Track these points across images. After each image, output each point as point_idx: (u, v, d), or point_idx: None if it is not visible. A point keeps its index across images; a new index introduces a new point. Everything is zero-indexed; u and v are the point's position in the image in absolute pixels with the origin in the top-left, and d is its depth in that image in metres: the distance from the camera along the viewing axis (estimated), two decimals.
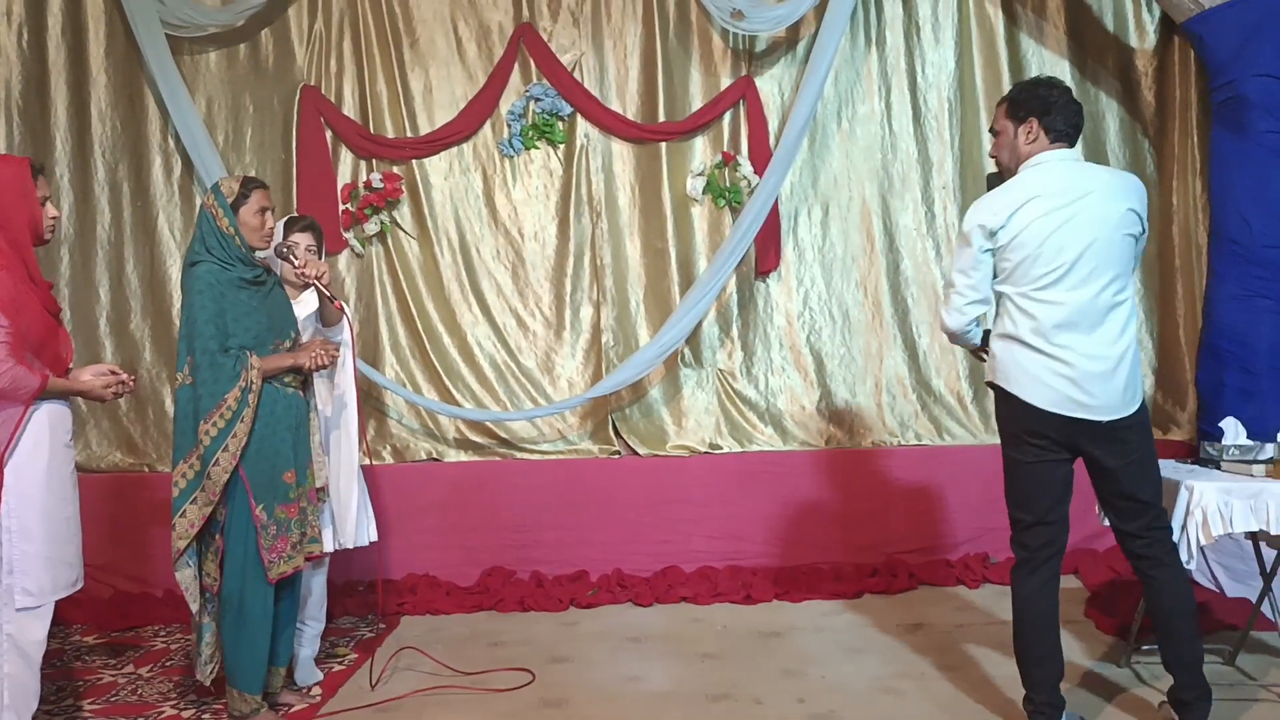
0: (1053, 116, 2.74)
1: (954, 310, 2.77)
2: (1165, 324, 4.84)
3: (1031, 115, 2.75)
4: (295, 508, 3.00)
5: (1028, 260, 2.65)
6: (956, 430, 4.79)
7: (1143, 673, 3.26)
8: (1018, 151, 2.79)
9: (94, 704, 3.27)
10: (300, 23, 4.80)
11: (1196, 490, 2.90)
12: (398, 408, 4.82)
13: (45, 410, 2.69)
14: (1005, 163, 2.86)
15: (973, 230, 2.72)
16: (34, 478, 2.66)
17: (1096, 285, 2.63)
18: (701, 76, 4.83)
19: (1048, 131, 2.75)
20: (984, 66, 4.85)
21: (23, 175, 2.72)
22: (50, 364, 2.73)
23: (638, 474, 4.63)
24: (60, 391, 2.74)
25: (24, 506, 2.64)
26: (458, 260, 4.81)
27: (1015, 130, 2.78)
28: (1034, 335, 2.67)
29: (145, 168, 4.77)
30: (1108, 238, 2.64)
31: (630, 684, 3.34)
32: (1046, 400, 2.66)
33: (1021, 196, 2.69)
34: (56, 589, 2.72)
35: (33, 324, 2.68)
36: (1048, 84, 2.81)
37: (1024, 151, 2.78)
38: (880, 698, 3.15)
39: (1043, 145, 2.75)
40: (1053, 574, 2.80)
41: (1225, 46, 4.20)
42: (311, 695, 3.27)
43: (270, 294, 3.09)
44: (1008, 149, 2.82)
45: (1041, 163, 2.74)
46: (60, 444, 2.74)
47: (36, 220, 2.75)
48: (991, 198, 2.77)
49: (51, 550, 2.70)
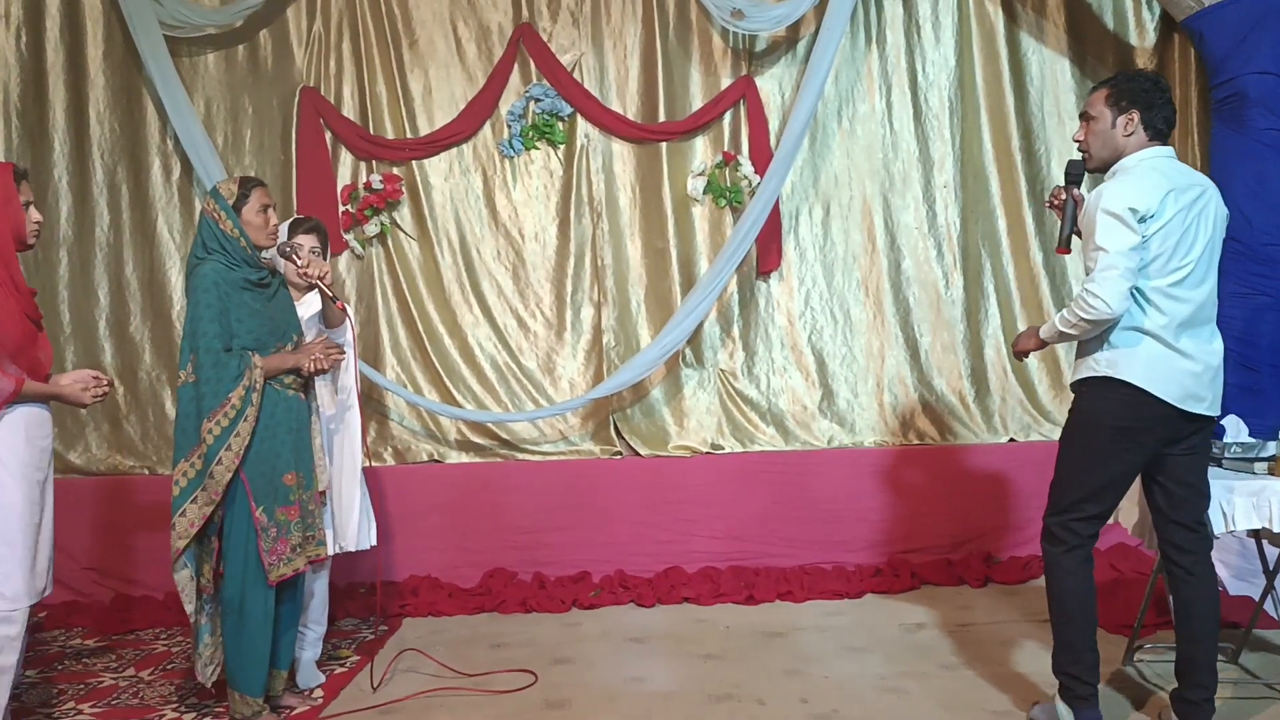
0: (1154, 112, 2.70)
1: (1118, 294, 2.56)
2: None
3: (1135, 107, 2.70)
4: (296, 510, 2.99)
5: (1165, 254, 2.62)
6: (959, 429, 4.79)
7: (1145, 671, 3.25)
8: (1113, 142, 2.73)
9: (95, 707, 3.26)
10: (299, 24, 4.79)
11: None
12: (399, 409, 4.81)
13: (21, 414, 2.68)
14: (1095, 151, 2.78)
15: (1124, 212, 2.58)
16: (8, 482, 2.65)
17: (1209, 285, 2.69)
18: (702, 76, 4.83)
19: (1148, 127, 2.70)
20: (984, 65, 4.85)
21: (4, 182, 2.71)
22: (28, 369, 2.72)
23: (639, 475, 4.62)
24: (37, 395, 2.73)
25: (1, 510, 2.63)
26: (458, 261, 4.81)
27: (1114, 119, 2.72)
28: (1164, 330, 2.64)
29: (144, 170, 4.77)
30: (1217, 240, 2.69)
31: (633, 685, 3.33)
32: (1174, 395, 2.64)
33: (1165, 185, 2.63)
34: (31, 594, 2.70)
35: (11, 330, 2.67)
36: (1154, 79, 2.75)
37: (1120, 143, 2.72)
38: (883, 697, 3.15)
39: (1140, 140, 2.71)
40: (1090, 560, 2.82)
41: (1225, 43, 4.20)
42: (313, 698, 3.27)
43: (274, 296, 3.08)
44: (1101, 137, 2.75)
45: (1160, 155, 2.70)
46: (37, 448, 2.73)
47: (19, 226, 2.75)
48: (1138, 181, 2.64)
49: (28, 557, 2.68)
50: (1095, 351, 2.71)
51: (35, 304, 2.83)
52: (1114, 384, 2.66)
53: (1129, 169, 2.69)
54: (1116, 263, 2.57)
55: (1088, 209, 2.67)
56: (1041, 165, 4.84)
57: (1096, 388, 2.71)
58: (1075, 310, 2.63)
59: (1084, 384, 2.75)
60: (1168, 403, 2.63)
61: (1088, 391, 2.74)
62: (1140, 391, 2.63)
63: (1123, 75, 2.80)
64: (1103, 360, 2.69)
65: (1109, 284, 2.56)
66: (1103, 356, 2.69)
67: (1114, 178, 2.70)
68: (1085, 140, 2.80)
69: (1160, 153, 2.71)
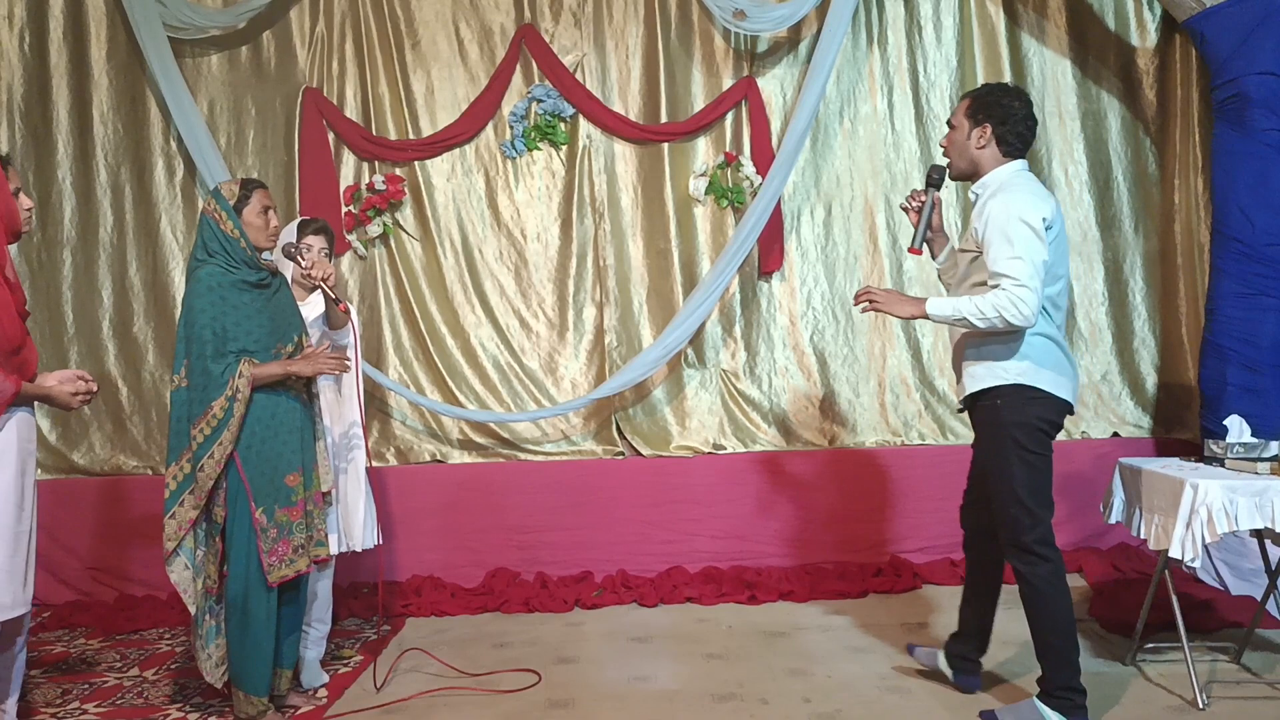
0: (1008, 127, 2.81)
1: (1038, 304, 2.66)
2: (1168, 322, 4.85)
3: (989, 121, 2.81)
4: (298, 511, 2.99)
5: (1054, 263, 2.74)
6: (960, 429, 4.79)
7: (1148, 670, 3.26)
8: (968, 153, 2.86)
9: (100, 707, 3.27)
10: (302, 25, 4.80)
11: (1201, 488, 2.90)
12: (401, 409, 4.82)
13: (15, 419, 2.64)
14: (954, 159, 2.91)
15: (1039, 224, 2.68)
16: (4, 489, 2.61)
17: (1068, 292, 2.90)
18: (703, 77, 4.83)
19: (1001, 141, 2.82)
20: (986, 65, 4.85)
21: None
22: (18, 369, 2.67)
23: (641, 475, 4.63)
24: (30, 397, 2.68)
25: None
26: (460, 262, 4.82)
27: (970, 131, 2.84)
28: (1058, 335, 2.80)
29: (147, 171, 4.78)
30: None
31: (637, 684, 3.34)
32: (1071, 396, 2.81)
33: (1051, 199, 2.77)
34: (15, 605, 2.65)
35: (8, 328, 2.62)
36: (1015, 93, 2.86)
37: (974, 155, 2.84)
38: (886, 696, 3.15)
39: (994, 153, 2.83)
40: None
41: (1227, 44, 4.20)
42: (318, 697, 3.27)
43: (275, 296, 3.07)
44: (958, 147, 2.88)
45: (1027, 170, 2.86)
46: (25, 453, 2.69)
47: (12, 214, 2.68)
48: (1038, 193, 2.77)
49: (15, 565, 2.64)
50: (1003, 359, 2.76)
51: (24, 298, 2.78)
52: (1028, 389, 2.75)
53: (1018, 184, 2.78)
54: (1040, 272, 2.66)
55: (994, 219, 2.71)
56: (1043, 165, 4.84)
57: (1011, 395, 2.77)
58: (1001, 311, 2.65)
59: (994, 392, 2.79)
60: (1068, 404, 2.81)
61: (1004, 404, 2.78)
62: (1051, 394, 2.77)
63: (985, 88, 2.91)
64: (1013, 368, 2.76)
65: (1035, 295, 2.64)
66: (1014, 365, 2.76)
67: (1009, 192, 2.75)
68: (948, 146, 2.92)
69: (1026, 166, 2.87)
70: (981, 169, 2.86)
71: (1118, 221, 4.86)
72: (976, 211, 2.82)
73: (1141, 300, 4.86)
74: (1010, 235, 2.67)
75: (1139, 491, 3.23)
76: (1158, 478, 3.11)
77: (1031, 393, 2.76)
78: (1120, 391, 4.85)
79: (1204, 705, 2.93)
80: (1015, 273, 2.64)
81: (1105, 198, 4.86)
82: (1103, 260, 4.86)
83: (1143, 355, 4.86)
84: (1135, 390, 4.85)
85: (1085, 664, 3.31)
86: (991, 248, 2.70)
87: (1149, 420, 4.83)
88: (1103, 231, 4.86)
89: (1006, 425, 2.78)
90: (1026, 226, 2.67)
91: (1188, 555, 2.91)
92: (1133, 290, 4.86)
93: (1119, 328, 4.86)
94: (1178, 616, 3.09)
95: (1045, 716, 2.78)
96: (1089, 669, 3.30)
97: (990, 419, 2.82)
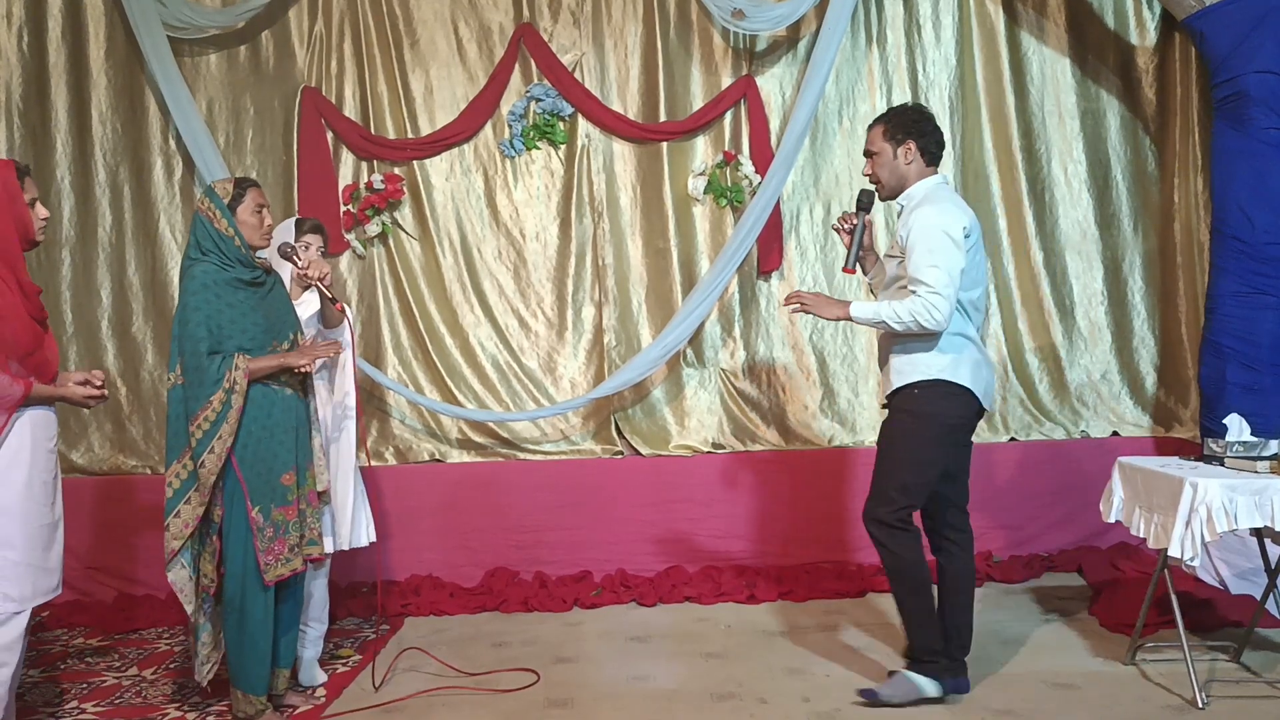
0: (927, 139, 3.05)
1: (952, 310, 2.89)
2: (1167, 321, 4.84)
3: (910, 137, 3.05)
4: (294, 510, 2.99)
5: (973, 269, 2.97)
6: None
7: (1148, 669, 3.26)
8: (898, 171, 3.07)
9: (98, 706, 3.27)
10: (300, 24, 4.80)
11: (1201, 487, 2.89)
12: (400, 408, 4.81)
13: (29, 416, 2.67)
14: (885, 181, 3.10)
15: (959, 234, 2.91)
16: (14, 485, 2.64)
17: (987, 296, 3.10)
18: (702, 76, 4.83)
19: (924, 153, 3.05)
20: (985, 64, 4.85)
21: (7, 180, 2.69)
22: (36, 370, 2.71)
23: (640, 474, 4.63)
24: (45, 397, 2.72)
25: (4, 516, 2.62)
26: (459, 261, 4.81)
27: (895, 152, 3.06)
28: (976, 336, 3.03)
29: (146, 170, 4.77)
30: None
31: (636, 683, 3.33)
32: (985, 394, 3.02)
33: (967, 208, 3.01)
34: (36, 595, 2.70)
35: (19, 332, 2.66)
36: (919, 109, 3.13)
37: (903, 171, 3.06)
38: None
39: (920, 166, 3.06)
40: None
41: (1226, 42, 4.20)
42: (316, 696, 3.27)
43: (270, 294, 3.07)
44: (887, 168, 3.08)
45: (946, 183, 3.10)
46: (43, 450, 2.72)
47: (26, 224, 2.73)
48: (957, 204, 3.01)
49: (32, 557, 2.68)
50: (924, 357, 2.97)
51: (41, 304, 2.82)
52: (945, 385, 2.96)
53: (941, 196, 3.01)
54: (956, 280, 2.89)
55: (918, 228, 2.92)
56: (1042, 164, 4.84)
57: (929, 390, 2.97)
58: (916, 315, 2.87)
59: (914, 387, 2.99)
60: (981, 401, 3.01)
61: (921, 394, 2.98)
62: (967, 391, 2.97)
63: (893, 110, 3.14)
64: (934, 365, 2.96)
65: (948, 302, 2.86)
66: (934, 361, 2.96)
67: (933, 203, 2.97)
68: (874, 174, 3.12)
69: (945, 179, 3.12)
70: (908, 183, 3.08)
71: (1117, 220, 4.86)
72: (902, 221, 3.04)
73: (1141, 299, 4.86)
74: (931, 244, 2.88)
75: (1139, 490, 3.22)
76: (1157, 476, 3.11)
77: (950, 388, 2.96)
78: (1119, 390, 4.85)
79: (1203, 704, 2.93)
80: (931, 280, 2.86)
81: (1104, 196, 4.86)
82: (1102, 259, 4.85)
83: (1142, 354, 4.86)
84: (1134, 389, 4.85)
85: (1085, 663, 3.37)
86: (913, 255, 2.91)
87: (1148, 419, 4.82)
88: (1102, 230, 4.85)
89: (921, 414, 2.98)
90: (947, 237, 2.89)
91: (1187, 554, 2.90)
92: (1132, 289, 4.86)
93: (1118, 327, 4.86)
94: (1177, 615, 3.09)
95: (917, 683, 3.01)
96: (1088, 668, 3.32)
97: (908, 407, 3.01)
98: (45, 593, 2.74)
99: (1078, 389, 4.83)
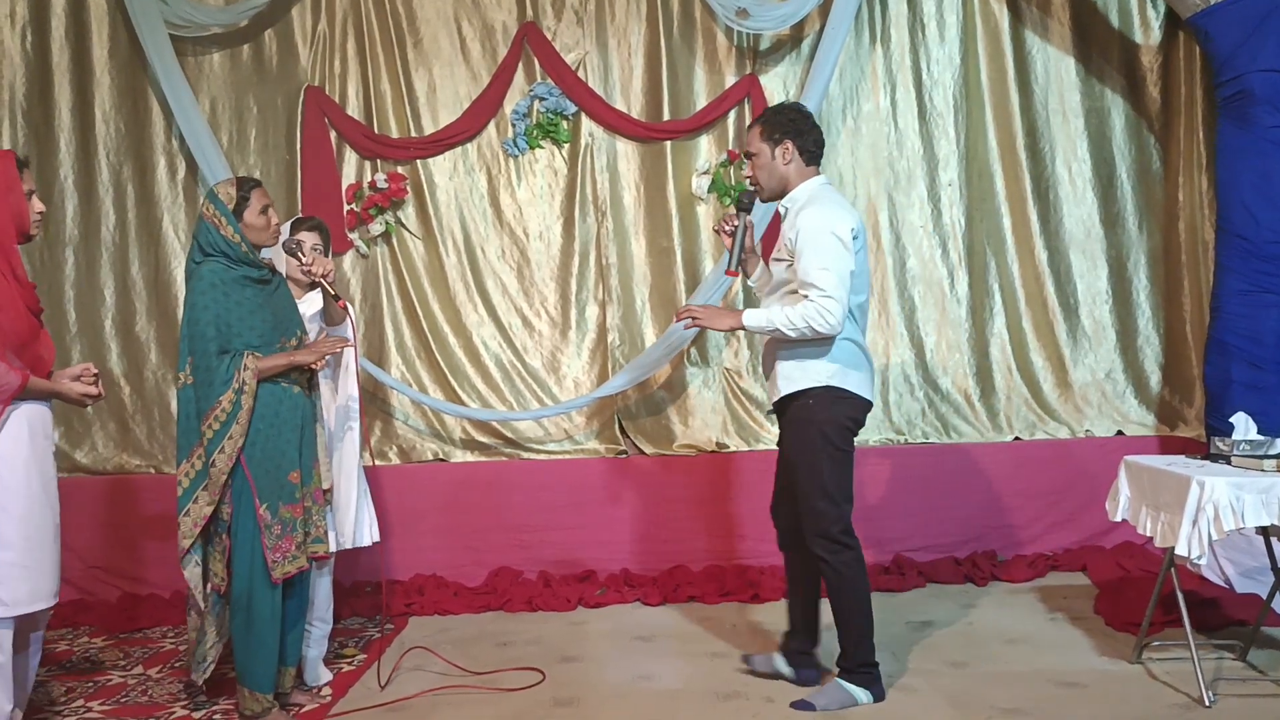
0: (805, 138, 3.03)
1: (844, 313, 2.88)
2: (1171, 320, 4.84)
3: (788, 138, 3.01)
4: (300, 508, 2.99)
5: (860, 270, 2.97)
6: (964, 428, 4.78)
7: (1154, 668, 3.25)
8: (778, 172, 3.04)
9: (104, 705, 3.27)
10: (304, 23, 4.79)
11: (1208, 485, 2.88)
12: (403, 408, 4.81)
13: (24, 411, 2.64)
14: (765, 183, 3.08)
15: (847, 236, 2.90)
16: (11, 482, 2.60)
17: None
18: (706, 75, 4.82)
19: (802, 152, 3.03)
20: (989, 63, 4.84)
21: (6, 170, 2.67)
22: (31, 364, 2.67)
23: (644, 473, 4.62)
24: (40, 392, 2.69)
25: (1, 512, 2.58)
26: (463, 260, 4.81)
27: (773, 152, 3.03)
28: (863, 341, 3.05)
29: (149, 169, 4.77)
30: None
31: (641, 683, 3.33)
32: (871, 395, 3.05)
33: (855, 210, 3.03)
34: (34, 599, 2.64)
35: (14, 322, 2.63)
36: (797, 108, 3.12)
37: (783, 172, 3.04)
38: (892, 694, 3.13)
39: (799, 165, 3.04)
40: None
41: (1231, 41, 4.20)
42: (322, 695, 3.27)
43: (275, 293, 3.08)
44: (766, 170, 3.05)
45: (827, 182, 3.09)
46: (40, 446, 2.69)
47: (22, 215, 2.70)
48: (843, 205, 3.02)
49: (30, 559, 2.63)
50: (815, 363, 2.95)
51: (36, 296, 2.79)
52: (837, 391, 2.96)
53: (826, 198, 3.00)
54: (846, 282, 2.88)
55: (805, 230, 2.90)
56: (1047, 163, 4.84)
57: (822, 396, 2.96)
58: (810, 321, 2.85)
59: (808, 396, 2.97)
60: (870, 403, 3.04)
61: (816, 404, 2.97)
62: (857, 395, 2.99)
63: (770, 110, 3.12)
64: (824, 371, 2.95)
65: (840, 305, 2.85)
66: (825, 367, 2.95)
67: (819, 204, 2.96)
68: (754, 175, 3.09)
69: (826, 180, 3.10)
70: (790, 184, 3.05)
71: (1121, 219, 4.85)
72: (789, 223, 3.01)
73: (1145, 298, 4.85)
74: (820, 247, 2.87)
75: (1145, 489, 3.22)
76: (1164, 475, 3.10)
77: (840, 393, 2.96)
78: (1124, 389, 4.84)
79: (1210, 703, 2.92)
80: (822, 283, 2.85)
81: (1109, 195, 4.85)
82: (1106, 258, 4.85)
83: (1146, 353, 4.85)
84: (1139, 388, 4.84)
85: (1091, 662, 3.36)
86: (803, 258, 2.89)
87: (1153, 418, 4.82)
88: (1106, 229, 4.85)
89: (818, 423, 2.96)
90: (836, 239, 2.87)
91: (1194, 552, 2.89)
92: (1136, 288, 4.86)
93: (1123, 326, 4.85)
94: (1184, 614, 3.08)
95: (851, 693, 3.01)
96: (1094, 667, 3.32)
97: (803, 417, 2.99)
98: (44, 598, 2.69)
99: (1082, 388, 4.82)
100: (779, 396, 3.05)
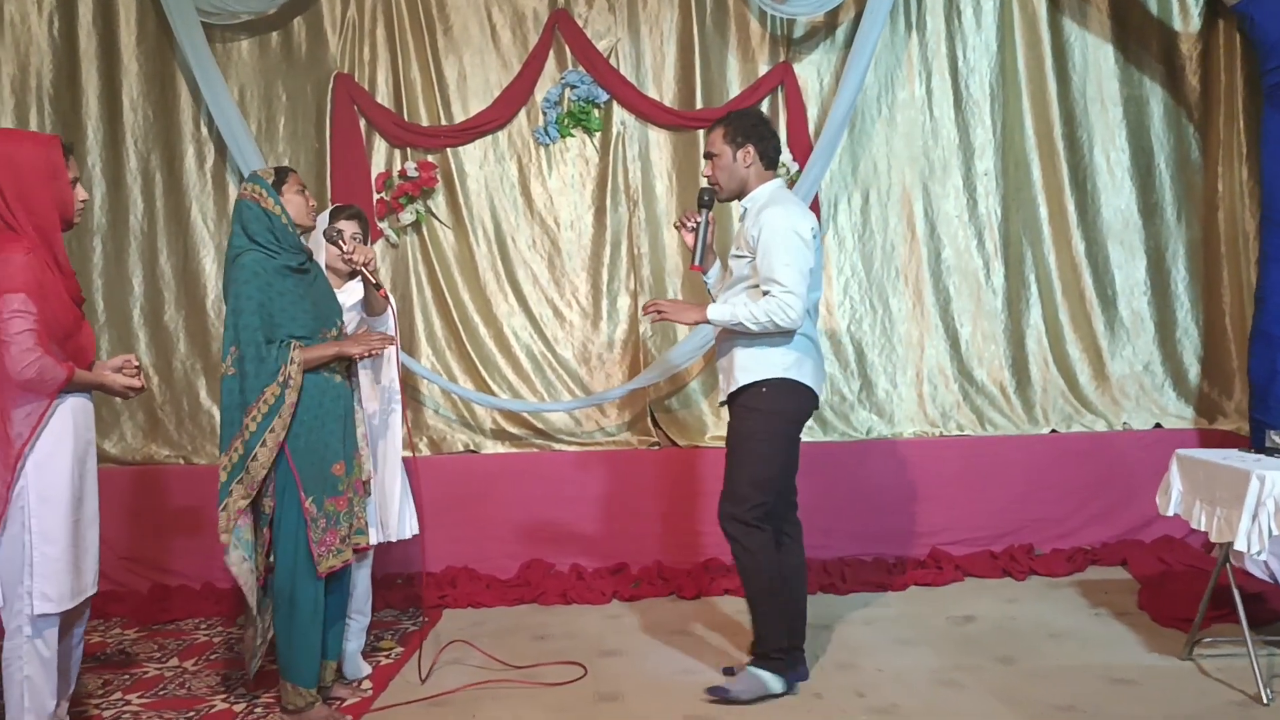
0: (766, 144, 3.12)
1: (804, 308, 2.96)
2: (1211, 312, 4.78)
3: (750, 142, 3.10)
4: (344, 500, 2.95)
5: (816, 271, 3.06)
6: (999, 420, 4.73)
7: (1205, 664, 3.20)
8: (738, 174, 3.13)
9: (142, 697, 3.24)
10: (333, 10, 4.74)
11: (1269, 480, 2.84)
12: (434, 398, 4.77)
13: (69, 404, 2.60)
14: (724, 184, 3.15)
15: (809, 235, 3.00)
16: (57, 477, 2.57)
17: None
18: (739, 63, 4.76)
19: (762, 157, 3.12)
20: (1026, 51, 4.77)
21: (52, 156, 2.62)
22: (73, 356, 2.63)
23: (677, 465, 4.57)
24: (85, 384, 2.65)
25: (46, 507, 2.54)
26: (493, 250, 4.76)
27: (734, 155, 3.11)
28: (817, 336, 3.15)
29: (178, 157, 4.72)
30: None
31: (684, 676, 3.29)
32: (820, 388, 3.12)
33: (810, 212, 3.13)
34: (76, 593, 2.62)
35: (59, 313, 2.58)
36: (759, 114, 3.21)
37: (743, 174, 3.12)
38: (940, 690, 3.11)
39: (758, 169, 3.12)
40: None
41: (1278, 27, 4.12)
42: (363, 689, 3.24)
43: (315, 282, 3.04)
44: (727, 171, 3.13)
45: (784, 185, 3.21)
46: (83, 440, 2.66)
47: (66, 203, 2.65)
48: (799, 205, 3.14)
49: (74, 554, 2.61)
50: (772, 354, 3.03)
51: (79, 285, 2.75)
52: (791, 383, 3.03)
53: (785, 199, 3.12)
54: (806, 278, 2.98)
55: (768, 228, 2.98)
56: (1084, 153, 4.77)
57: (777, 388, 3.03)
58: (773, 315, 2.93)
59: (762, 385, 3.04)
60: (818, 397, 3.12)
61: (769, 393, 3.04)
62: (809, 388, 3.07)
63: (734, 115, 3.19)
64: (780, 363, 3.03)
65: (801, 300, 2.94)
66: (781, 359, 3.03)
67: (780, 204, 3.05)
68: (714, 175, 3.16)
69: (783, 183, 3.23)
70: (749, 186, 3.14)
71: (1160, 209, 4.79)
72: (750, 221, 3.09)
73: (1184, 289, 4.79)
74: (784, 244, 2.96)
75: (1199, 483, 3.17)
76: (1221, 469, 3.05)
77: (794, 385, 3.04)
78: (1163, 382, 4.79)
79: (1269, 700, 2.88)
80: (785, 280, 2.93)
81: (1147, 185, 4.79)
82: (1145, 249, 4.79)
83: (1185, 345, 4.80)
84: (1178, 381, 4.79)
85: (1140, 658, 3.32)
86: (767, 255, 2.97)
87: (1191, 411, 4.76)
88: (1145, 220, 4.79)
89: (770, 412, 3.04)
90: (798, 237, 2.98)
91: (1254, 547, 2.86)
92: (1175, 279, 4.80)
93: (1161, 317, 4.79)
94: (1239, 610, 3.04)
95: (763, 679, 3.04)
96: (1145, 663, 3.27)
97: (754, 405, 3.05)
98: (86, 589, 2.68)
99: (1119, 380, 4.76)
100: (735, 387, 3.09)
